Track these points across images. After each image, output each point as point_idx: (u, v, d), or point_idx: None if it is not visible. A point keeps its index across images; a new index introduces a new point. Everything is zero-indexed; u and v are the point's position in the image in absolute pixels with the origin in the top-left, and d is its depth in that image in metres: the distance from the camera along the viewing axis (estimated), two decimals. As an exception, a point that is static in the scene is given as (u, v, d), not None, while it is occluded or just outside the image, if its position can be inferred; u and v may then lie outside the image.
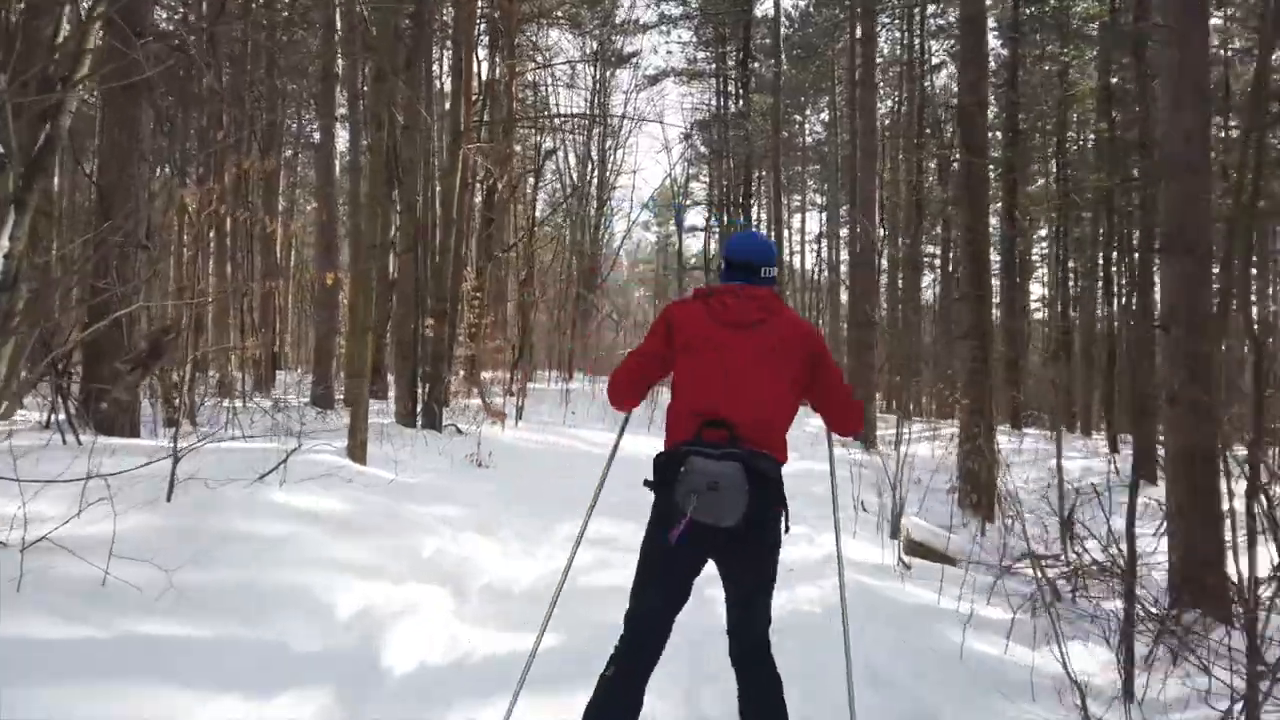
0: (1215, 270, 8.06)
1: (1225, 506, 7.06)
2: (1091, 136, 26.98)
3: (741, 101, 26.29)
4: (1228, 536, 7.19)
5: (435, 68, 17.01)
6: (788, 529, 2.73)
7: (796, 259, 44.79)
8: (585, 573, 5.10)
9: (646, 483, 2.72)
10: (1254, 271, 22.77)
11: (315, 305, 16.29)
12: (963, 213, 12.92)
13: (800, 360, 2.70)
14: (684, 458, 2.53)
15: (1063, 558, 7.73)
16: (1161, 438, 10.89)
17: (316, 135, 16.94)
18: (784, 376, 2.67)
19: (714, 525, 2.47)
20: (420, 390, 10.75)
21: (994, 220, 19.98)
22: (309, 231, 19.85)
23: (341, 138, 16.78)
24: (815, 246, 45.82)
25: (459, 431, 10.68)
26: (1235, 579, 6.07)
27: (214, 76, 11.34)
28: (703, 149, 36.80)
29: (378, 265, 7.80)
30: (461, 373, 16.06)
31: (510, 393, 16.86)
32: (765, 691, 2.63)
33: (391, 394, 13.12)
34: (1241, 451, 6.56)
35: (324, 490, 5.63)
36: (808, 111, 40.02)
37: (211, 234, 10.73)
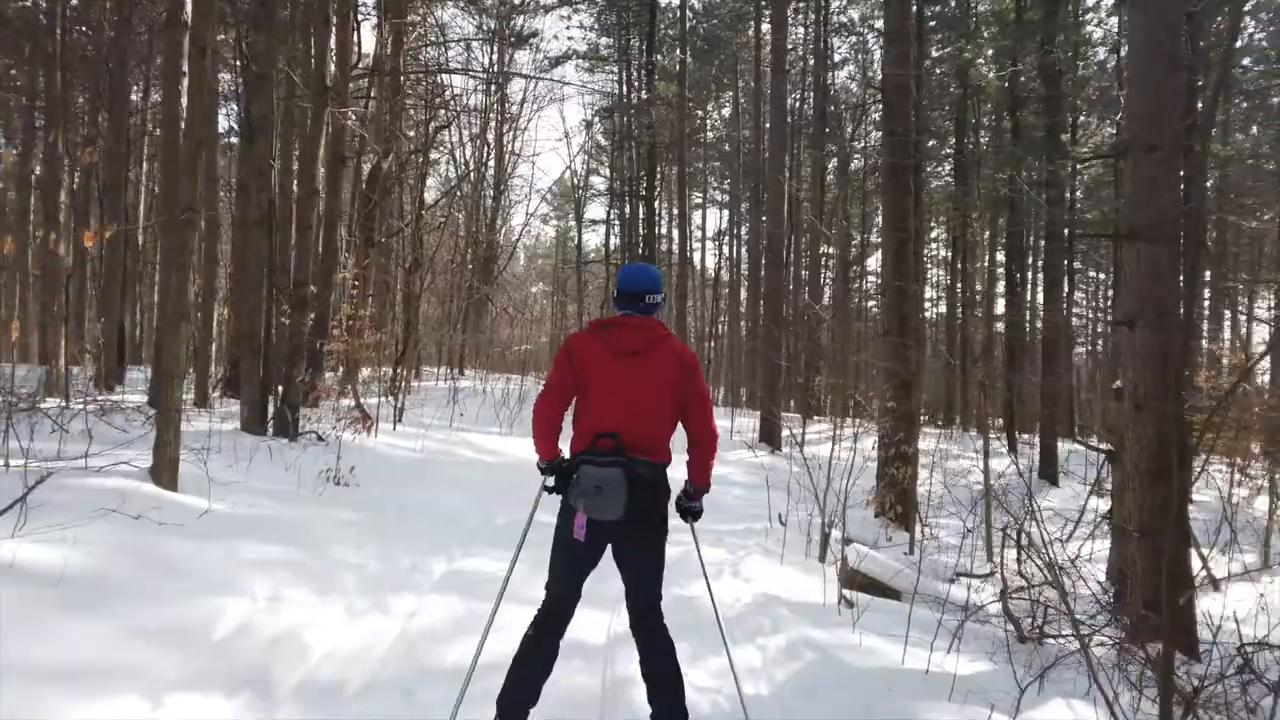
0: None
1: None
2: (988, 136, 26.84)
3: (645, 90, 24.88)
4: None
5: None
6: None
7: (696, 256, 43.79)
8: (503, 634, 3.42)
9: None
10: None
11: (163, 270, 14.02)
12: (886, 199, 11.84)
13: (677, 382, 3.14)
14: (577, 466, 3.05)
15: (1017, 581, 6.59)
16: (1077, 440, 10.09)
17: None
18: (664, 396, 3.12)
19: (602, 520, 2.97)
20: (277, 391, 8.97)
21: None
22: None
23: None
24: (716, 244, 44.85)
25: (320, 440, 8.93)
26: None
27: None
28: (603, 141, 35.53)
29: (193, 236, 5.97)
30: (340, 370, 14.19)
31: (392, 392, 15.07)
32: (659, 653, 3.10)
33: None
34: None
35: (88, 535, 3.96)
36: (710, 106, 39.01)
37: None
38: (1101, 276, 34.90)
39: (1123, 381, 7.12)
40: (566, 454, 3.26)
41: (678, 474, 3.28)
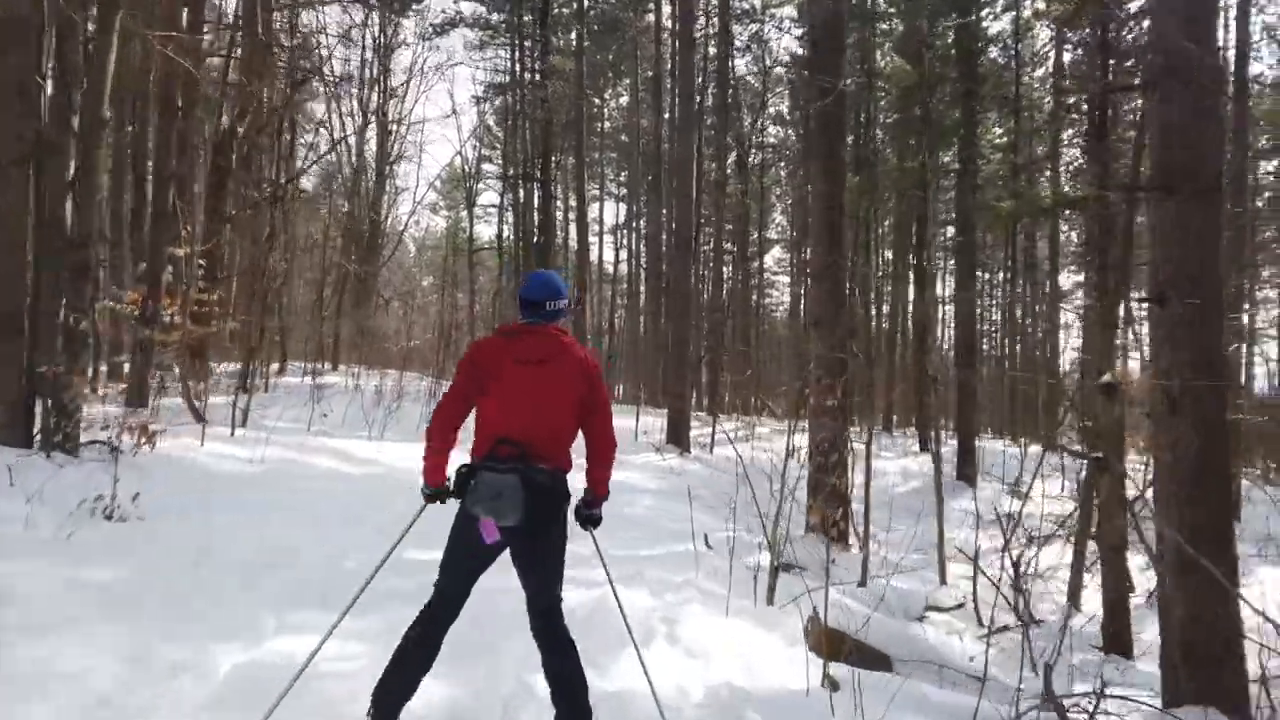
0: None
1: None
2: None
3: (540, 64, 22.74)
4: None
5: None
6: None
7: (594, 250, 41.87)
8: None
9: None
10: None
11: None
12: (818, 165, 10.17)
13: (579, 390, 3.09)
14: (476, 472, 2.99)
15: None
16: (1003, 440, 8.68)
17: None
18: (567, 403, 3.07)
19: (501, 525, 2.92)
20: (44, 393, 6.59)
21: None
22: None
23: None
24: (614, 237, 42.96)
25: (113, 452, 6.58)
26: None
27: None
28: (495, 127, 33.20)
29: None
30: (175, 366, 11.68)
31: (243, 389, 12.61)
32: (561, 654, 3.06)
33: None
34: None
35: None
36: (607, 94, 37.14)
37: None
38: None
39: (1156, 370, 5.56)
40: (466, 459, 3.14)
41: (579, 482, 3.25)
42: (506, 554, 3.12)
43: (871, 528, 9.93)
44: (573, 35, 24.68)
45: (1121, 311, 10.21)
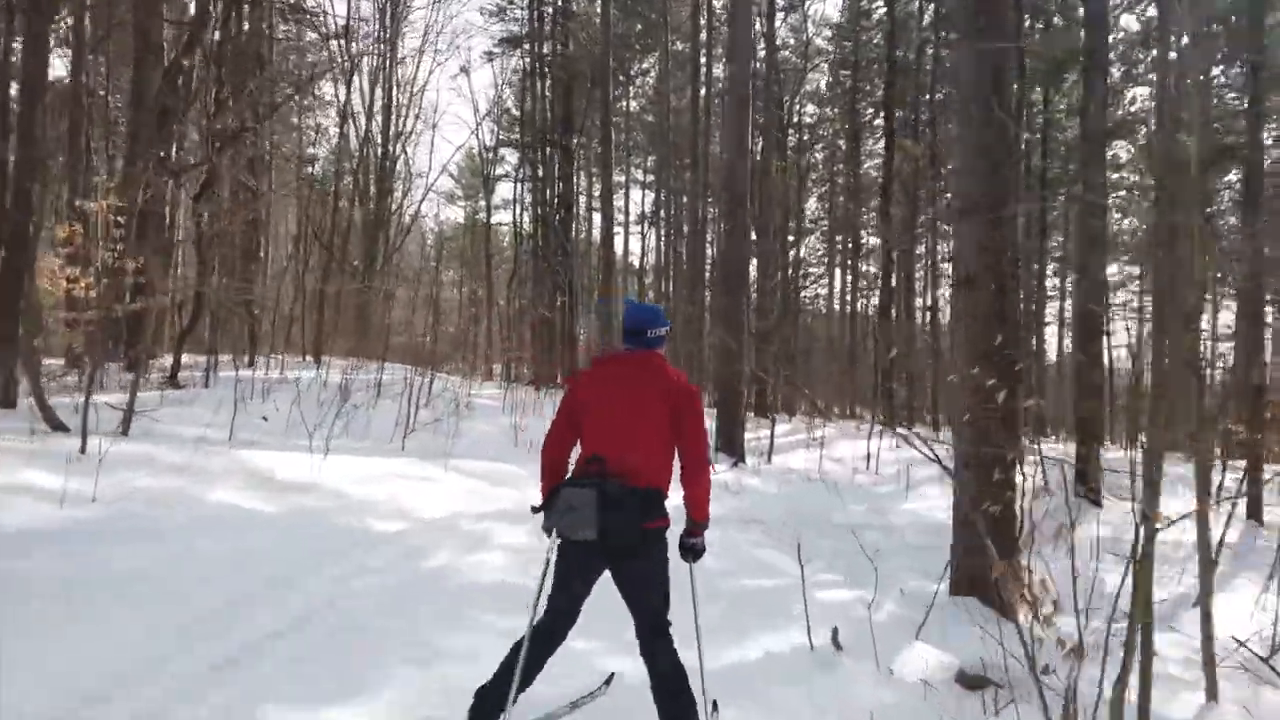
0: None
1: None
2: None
3: (561, 16, 19.36)
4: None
5: None
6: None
7: (619, 240, 38.45)
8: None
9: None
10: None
11: None
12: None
13: (668, 412, 3.01)
14: (558, 489, 2.97)
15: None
16: None
17: None
18: (654, 423, 3.00)
19: (578, 539, 2.88)
20: None
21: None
22: None
23: None
24: (640, 227, 39.51)
25: None
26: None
27: None
28: (512, 104, 29.97)
29: None
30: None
31: (172, 383, 9.37)
32: (666, 677, 2.94)
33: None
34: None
35: None
36: (633, 71, 33.75)
37: None
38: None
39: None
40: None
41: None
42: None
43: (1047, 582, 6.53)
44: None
45: None
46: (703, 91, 28.08)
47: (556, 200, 18.98)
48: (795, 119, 32.35)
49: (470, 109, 50.60)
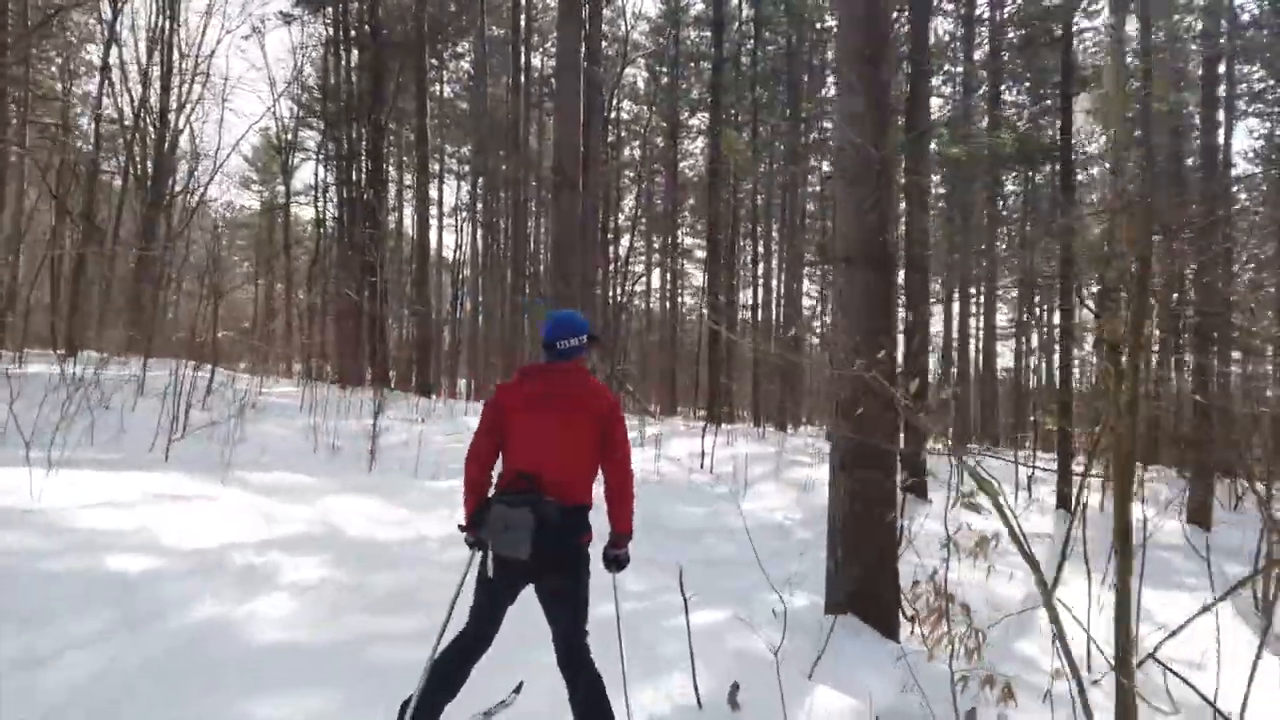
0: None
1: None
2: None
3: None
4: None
5: None
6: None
7: (433, 234, 36.33)
8: None
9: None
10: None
11: None
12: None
13: (595, 426, 3.03)
14: (489, 504, 2.97)
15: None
16: None
17: None
18: (582, 439, 3.00)
19: (512, 558, 2.87)
20: None
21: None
22: None
23: None
24: (455, 221, 37.54)
25: None
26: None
27: None
28: (313, 80, 27.27)
29: None
30: None
31: None
32: (586, 690, 2.92)
33: None
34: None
35: None
36: (447, 55, 31.87)
37: None
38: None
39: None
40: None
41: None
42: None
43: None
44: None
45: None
46: (523, 79, 26.96)
47: (365, 178, 17.10)
48: (614, 114, 31.70)
49: (266, 83, 46.16)
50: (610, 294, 28.97)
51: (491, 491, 3.11)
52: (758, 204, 27.67)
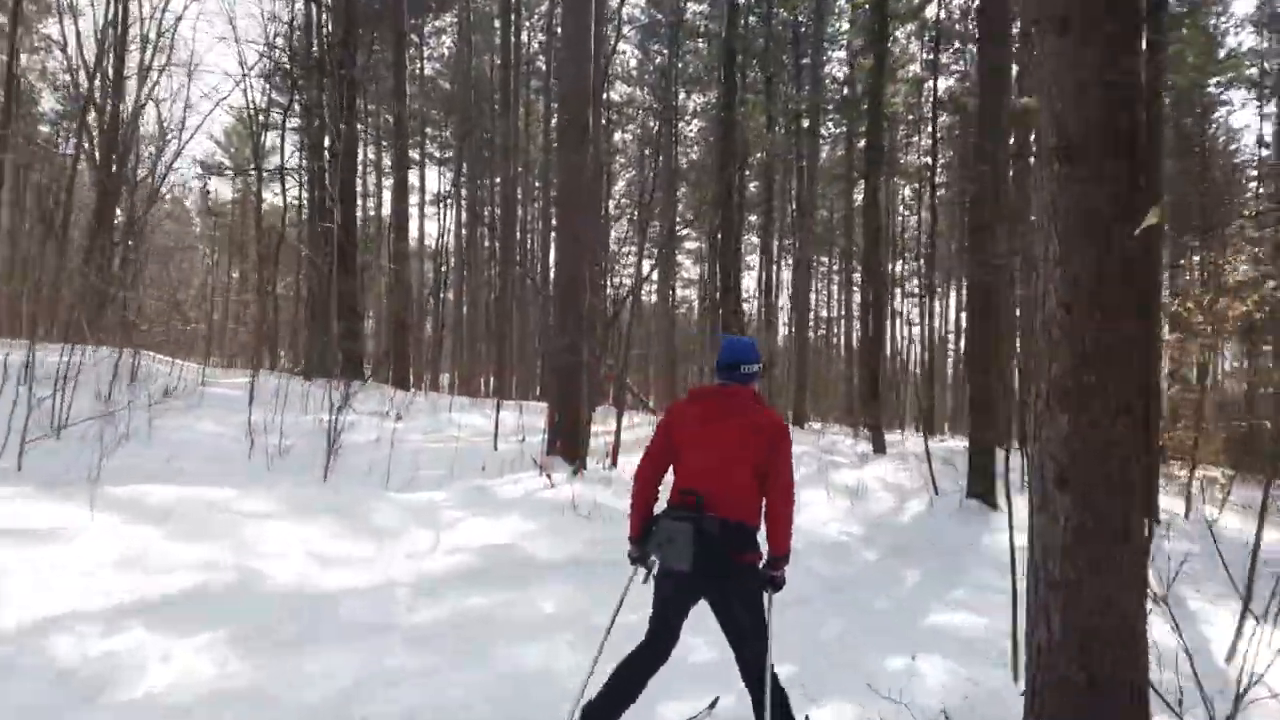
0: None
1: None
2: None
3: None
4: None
5: None
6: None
7: (414, 224, 34.00)
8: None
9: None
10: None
11: None
12: None
13: (759, 447, 3.00)
14: (657, 520, 3.04)
15: None
16: None
17: None
18: (745, 459, 2.99)
19: (674, 569, 2.92)
20: None
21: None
22: None
23: None
24: (437, 210, 35.17)
25: None
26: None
27: None
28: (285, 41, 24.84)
29: None
30: None
31: None
32: (766, 704, 2.91)
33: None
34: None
35: None
36: (426, 29, 29.62)
37: None
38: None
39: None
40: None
41: None
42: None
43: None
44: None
45: None
46: (512, 56, 24.82)
47: (338, 138, 14.87)
48: (605, 94, 29.53)
49: (235, 59, 43.24)
50: (605, 283, 26.86)
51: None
52: (773, 185, 25.57)
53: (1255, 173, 28.18)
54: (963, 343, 29.21)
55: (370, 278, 18.32)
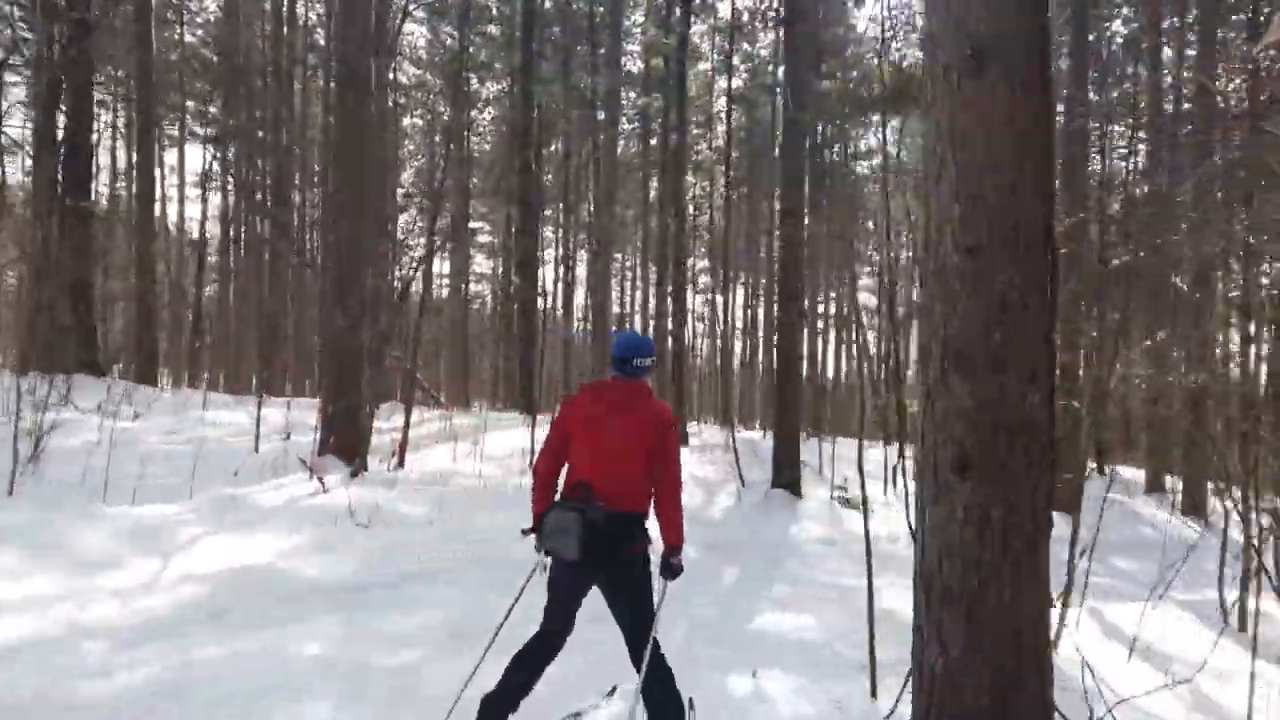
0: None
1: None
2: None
3: None
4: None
5: None
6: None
7: (173, 208, 30.14)
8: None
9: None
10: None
11: None
12: None
13: (648, 439, 3.05)
14: (548, 512, 3.02)
15: None
16: None
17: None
18: (635, 450, 3.05)
19: (564, 558, 2.96)
20: None
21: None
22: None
23: None
24: (200, 192, 31.35)
25: None
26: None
27: None
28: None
29: None
30: None
31: None
32: (653, 678, 2.99)
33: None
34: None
35: None
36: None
37: None
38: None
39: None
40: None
41: None
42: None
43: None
44: None
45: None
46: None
47: (71, 96, 12.38)
48: (392, 75, 27.59)
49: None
50: (391, 275, 24.96)
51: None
52: (568, 178, 24.85)
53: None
54: (760, 334, 30.12)
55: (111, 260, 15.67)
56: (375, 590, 4.64)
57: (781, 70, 23.01)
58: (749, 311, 32.63)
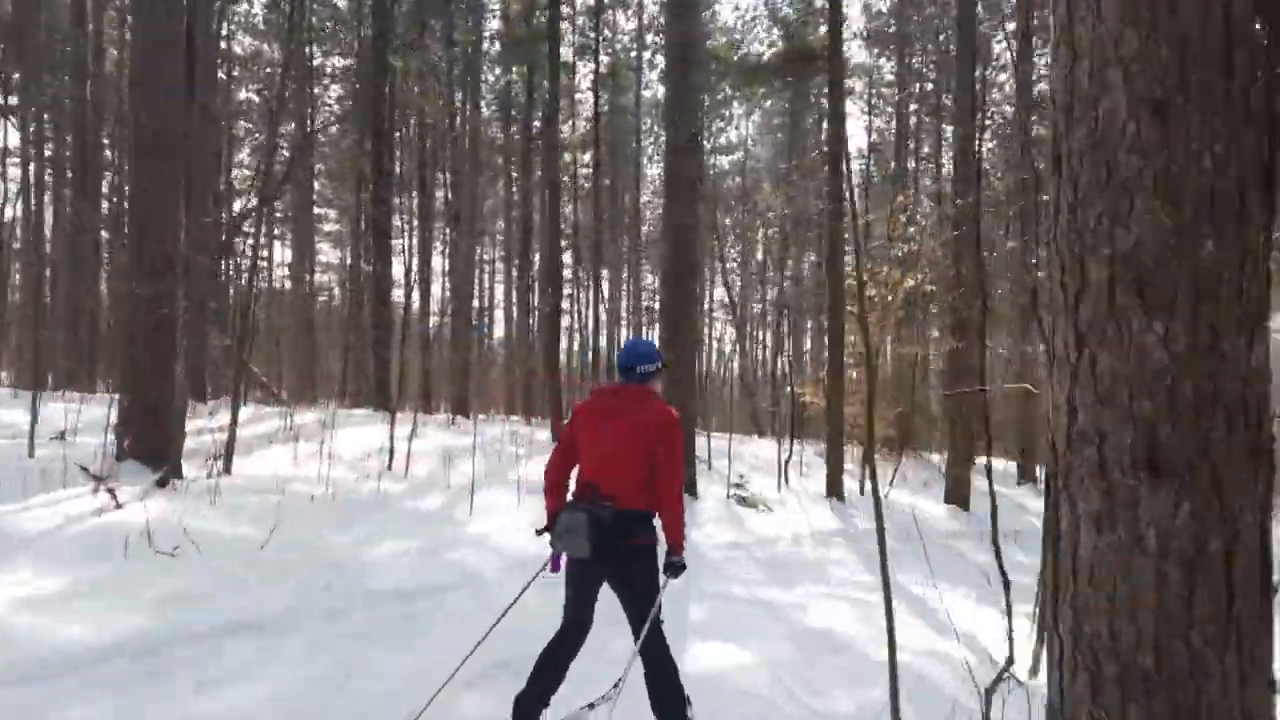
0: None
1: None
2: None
3: None
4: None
5: None
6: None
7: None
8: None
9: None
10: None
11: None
12: None
13: (650, 441, 3.10)
14: (559, 513, 3.09)
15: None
16: None
17: None
18: (637, 452, 3.10)
19: (576, 557, 3.05)
20: None
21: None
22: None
23: None
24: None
25: None
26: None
27: None
28: None
29: None
30: None
31: None
32: (657, 672, 3.09)
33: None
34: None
35: None
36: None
37: None
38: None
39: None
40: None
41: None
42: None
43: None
44: None
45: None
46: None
47: None
48: (225, 44, 24.76)
49: None
50: (225, 266, 22.18)
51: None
52: (425, 164, 22.97)
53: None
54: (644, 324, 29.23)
55: None
56: (174, 652, 3.22)
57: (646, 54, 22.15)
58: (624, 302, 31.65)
